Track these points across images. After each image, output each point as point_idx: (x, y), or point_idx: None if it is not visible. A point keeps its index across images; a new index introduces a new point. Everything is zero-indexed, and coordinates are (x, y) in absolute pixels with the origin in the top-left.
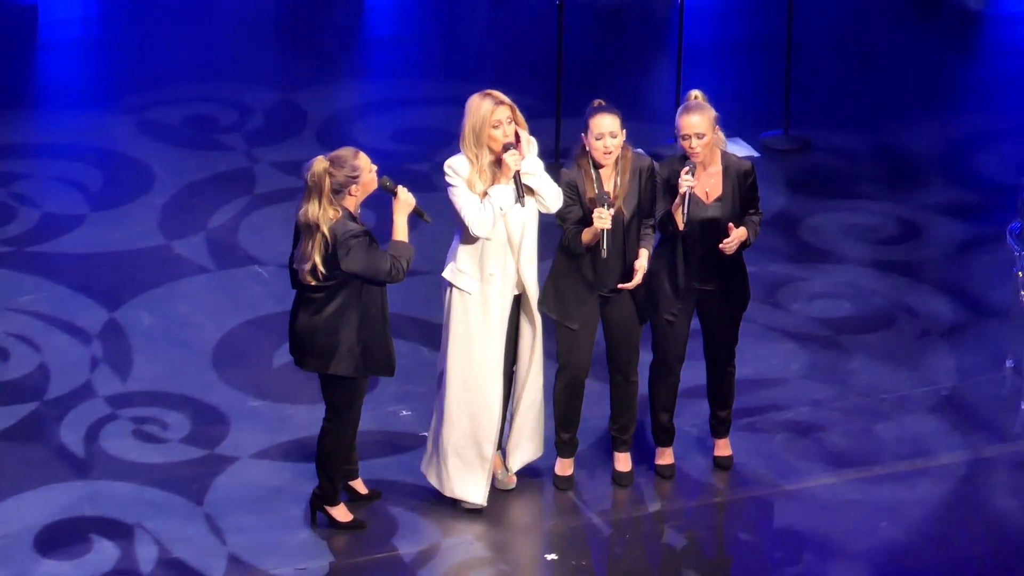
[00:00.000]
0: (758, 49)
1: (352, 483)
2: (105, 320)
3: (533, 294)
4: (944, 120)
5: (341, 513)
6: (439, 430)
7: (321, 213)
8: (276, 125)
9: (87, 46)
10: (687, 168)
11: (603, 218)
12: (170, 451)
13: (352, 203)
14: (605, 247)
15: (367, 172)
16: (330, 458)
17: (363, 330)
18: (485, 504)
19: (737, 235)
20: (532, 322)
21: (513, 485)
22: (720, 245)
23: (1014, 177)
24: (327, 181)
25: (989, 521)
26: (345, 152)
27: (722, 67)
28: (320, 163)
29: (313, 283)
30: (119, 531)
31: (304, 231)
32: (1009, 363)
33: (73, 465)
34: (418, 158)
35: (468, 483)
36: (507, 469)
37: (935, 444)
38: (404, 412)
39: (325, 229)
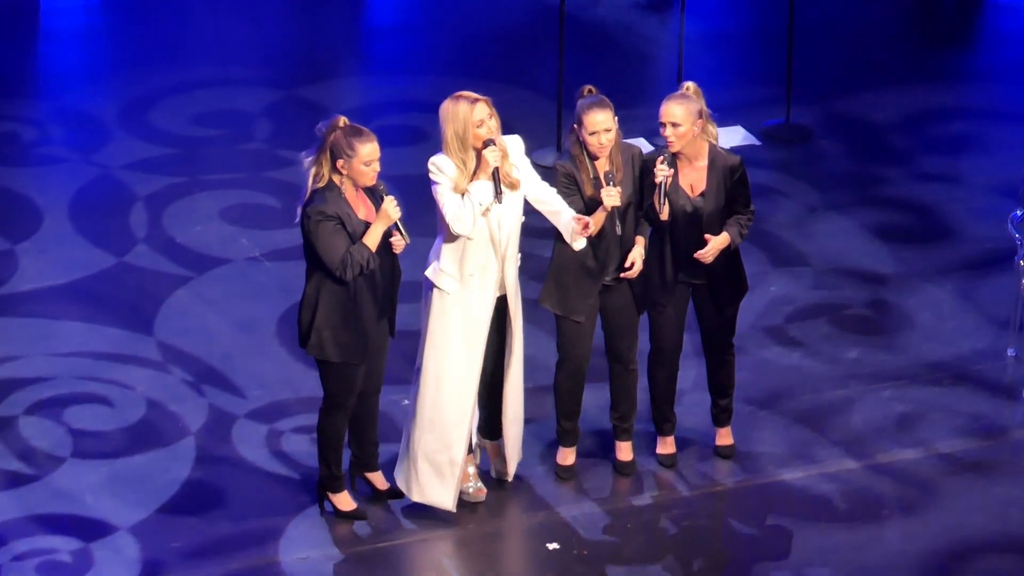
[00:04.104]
0: (760, 37)
1: (370, 475)
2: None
3: (514, 296)
4: (943, 108)
5: (342, 501)
6: (411, 433)
7: (313, 164)
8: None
9: None
10: (662, 158)
11: (612, 196)
12: None
13: (338, 179)
14: (619, 224)
15: (360, 161)
16: (323, 443)
17: (334, 314)
18: (455, 510)
19: (714, 245)
20: (513, 325)
21: (483, 498)
22: (696, 255)
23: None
24: (329, 138)
25: (993, 509)
26: (362, 129)
27: (724, 55)
28: (338, 120)
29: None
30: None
31: None
32: (1011, 352)
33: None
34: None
35: (437, 488)
36: (507, 475)
37: (936, 432)
38: (405, 401)
39: (309, 180)
